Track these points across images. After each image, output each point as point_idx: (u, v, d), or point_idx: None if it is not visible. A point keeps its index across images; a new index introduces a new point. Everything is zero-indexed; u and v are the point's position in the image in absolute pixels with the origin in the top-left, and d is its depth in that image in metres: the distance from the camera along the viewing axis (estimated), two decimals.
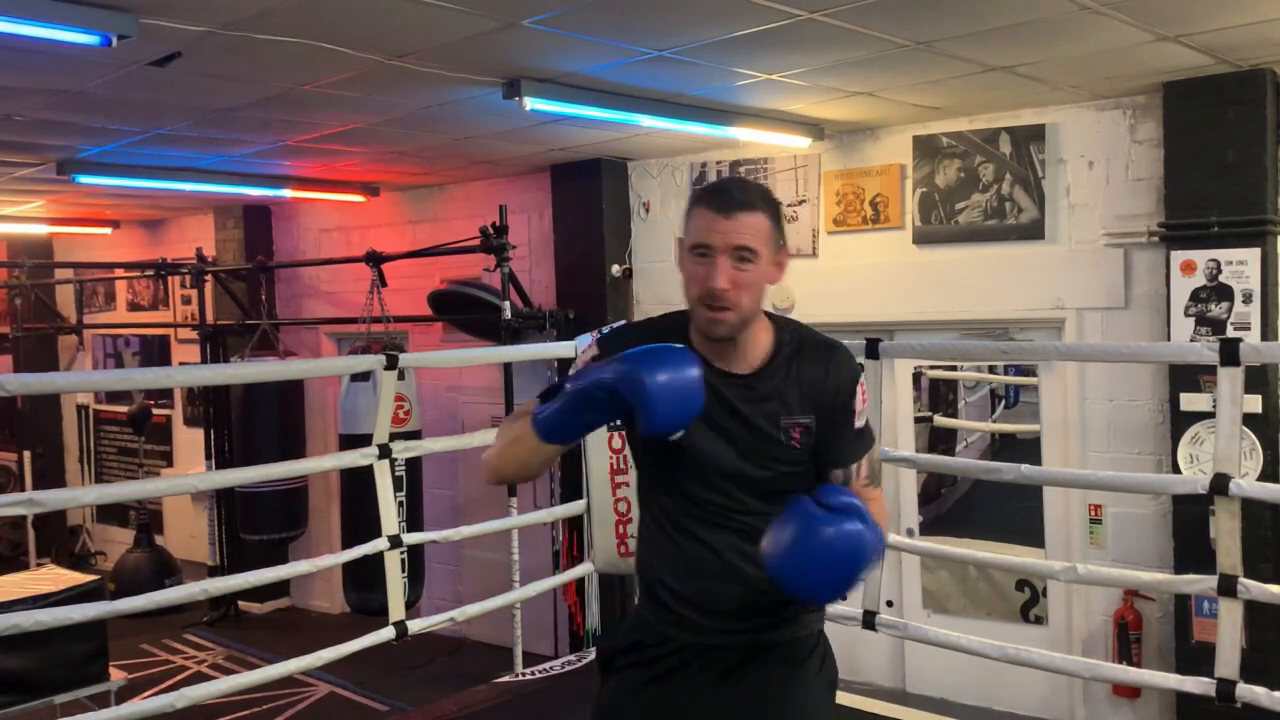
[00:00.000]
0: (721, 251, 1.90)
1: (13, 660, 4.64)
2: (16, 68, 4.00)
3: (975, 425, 5.88)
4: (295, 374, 6.83)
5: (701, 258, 1.92)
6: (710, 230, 1.91)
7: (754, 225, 1.92)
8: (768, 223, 1.94)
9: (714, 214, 1.91)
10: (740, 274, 1.91)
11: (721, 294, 1.90)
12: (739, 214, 1.91)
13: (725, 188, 1.98)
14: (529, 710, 3.86)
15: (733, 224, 1.90)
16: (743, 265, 1.91)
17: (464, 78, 4.24)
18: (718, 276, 1.89)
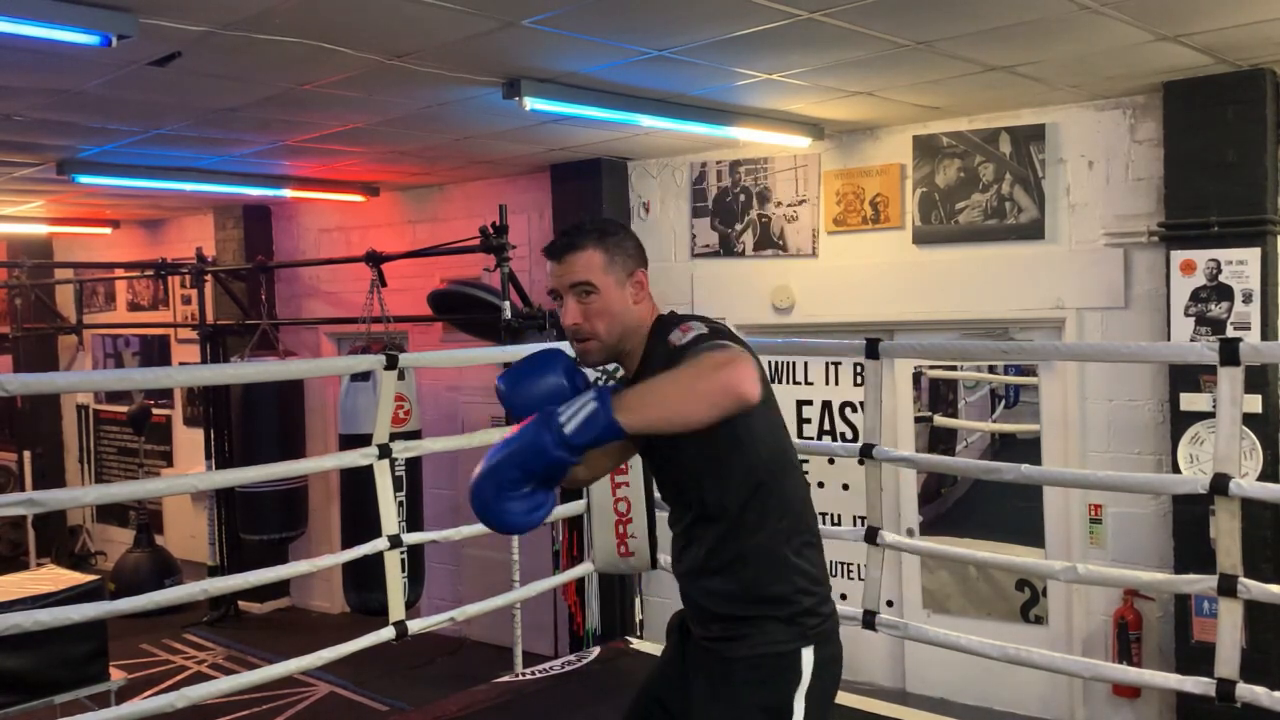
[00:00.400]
0: (565, 292, 2.11)
1: (13, 660, 4.64)
2: (16, 68, 4.00)
3: (975, 425, 5.88)
4: (295, 374, 6.82)
5: (557, 300, 2.14)
6: (551, 276, 2.14)
7: (584, 262, 2.09)
8: (599, 254, 2.10)
9: (551, 261, 2.14)
10: (586, 306, 2.10)
11: (575, 329, 2.11)
12: (566, 256, 2.10)
13: (556, 237, 2.17)
14: (529, 710, 3.86)
15: (563, 267, 2.11)
16: (586, 299, 2.10)
17: (464, 78, 4.24)
18: (565, 314, 2.12)
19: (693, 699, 2.16)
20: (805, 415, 5.93)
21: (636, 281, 2.14)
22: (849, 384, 5.82)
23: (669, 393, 1.79)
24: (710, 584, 2.12)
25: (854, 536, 3.93)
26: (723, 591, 2.10)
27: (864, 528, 3.84)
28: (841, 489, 5.86)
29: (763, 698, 2.06)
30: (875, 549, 3.81)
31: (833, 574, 5.92)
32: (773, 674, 2.06)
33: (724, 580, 2.10)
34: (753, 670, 2.07)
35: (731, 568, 2.09)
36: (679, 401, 1.78)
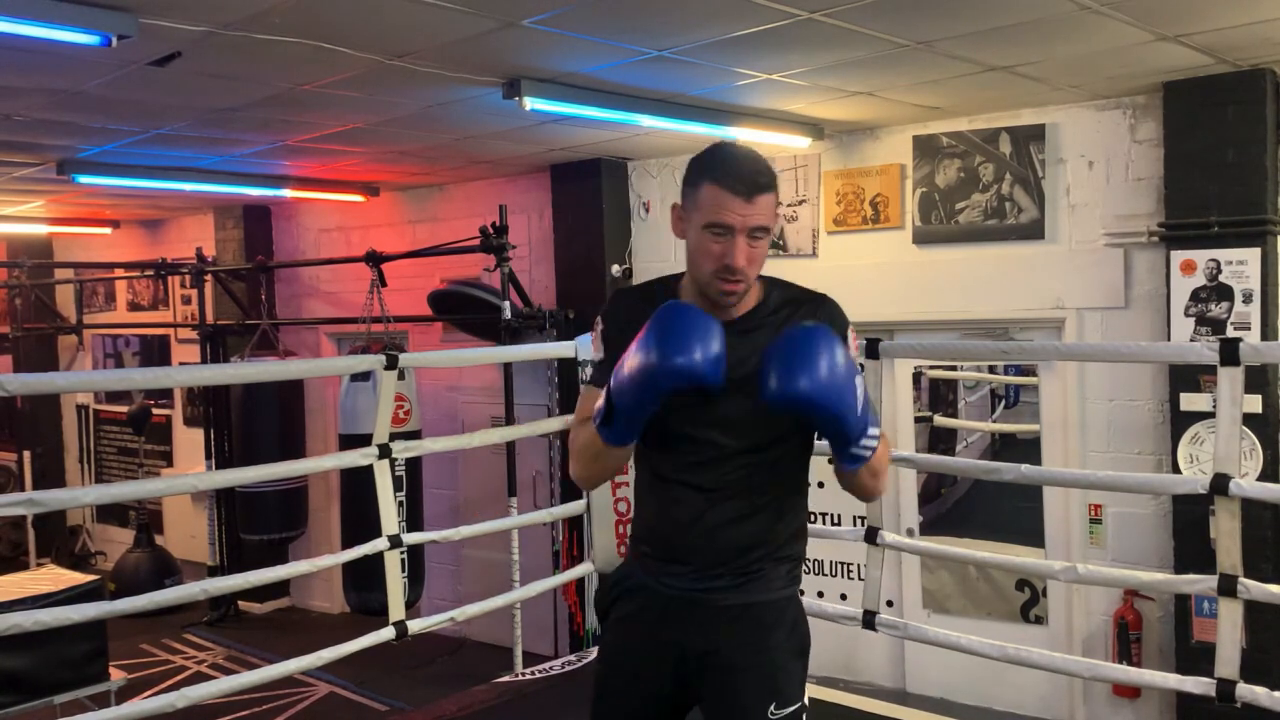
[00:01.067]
0: (740, 232, 1.98)
1: (13, 660, 4.64)
2: (16, 68, 4.00)
3: (975, 425, 5.89)
4: (295, 374, 6.82)
5: (718, 236, 1.99)
6: (729, 211, 1.98)
7: (769, 205, 2.01)
8: (775, 199, 2.06)
9: (732, 196, 1.98)
10: (754, 250, 2.01)
11: (740, 270, 1.99)
12: (759, 197, 1.99)
13: (741, 170, 2.03)
14: (529, 710, 3.86)
15: (752, 207, 1.98)
16: (756, 242, 2.01)
17: (464, 78, 4.24)
18: (738, 255, 1.98)
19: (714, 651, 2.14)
20: None
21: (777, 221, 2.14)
22: None
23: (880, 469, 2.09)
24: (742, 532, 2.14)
25: (854, 536, 3.92)
26: (752, 540, 2.15)
27: (864, 528, 3.83)
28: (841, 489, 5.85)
29: (797, 638, 2.19)
30: (875, 549, 3.81)
31: (833, 574, 5.93)
32: (797, 616, 2.20)
33: (757, 529, 2.15)
34: (781, 614, 2.17)
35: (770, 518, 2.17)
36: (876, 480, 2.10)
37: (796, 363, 1.86)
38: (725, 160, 2.07)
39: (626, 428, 1.99)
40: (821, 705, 3.85)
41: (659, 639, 2.20)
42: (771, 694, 2.11)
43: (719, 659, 2.15)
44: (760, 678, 2.12)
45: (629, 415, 1.97)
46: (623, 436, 2.01)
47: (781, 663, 2.15)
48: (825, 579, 5.93)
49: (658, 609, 2.21)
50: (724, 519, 2.13)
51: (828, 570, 5.93)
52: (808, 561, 5.91)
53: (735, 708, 2.14)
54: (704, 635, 2.16)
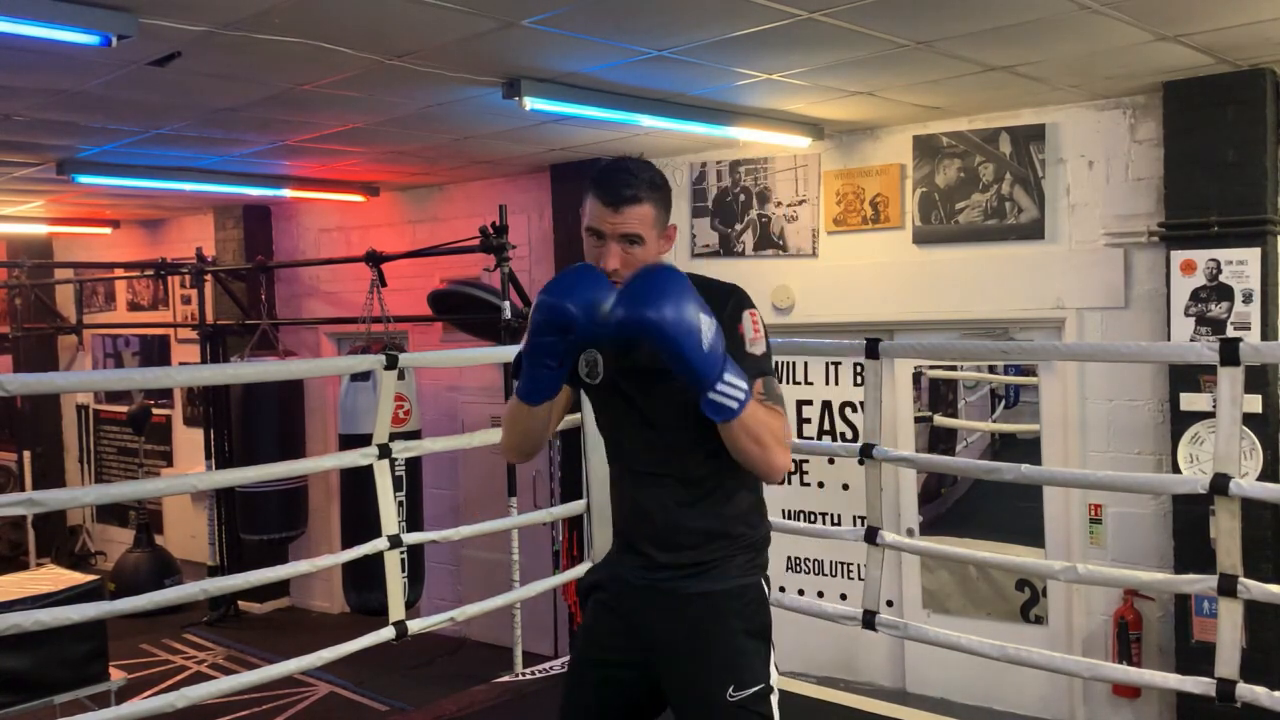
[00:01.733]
0: (611, 238, 2.16)
1: (13, 660, 4.64)
2: (16, 68, 4.00)
3: (975, 425, 5.89)
4: (295, 374, 6.81)
5: (596, 239, 2.18)
6: (601, 219, 2.17)
7: (639, 215, 2.16)
8: (652, 210, 2.18)
9: (602, 206, 2.17)
10: (629, 255, 2.15)
11: (614, 273, 2.13)
12: (625, 208, 2.15)
13: (613, 180, 2.17)
14: (529, 710, 3.86)
15: (620, 217, 2.15)
16: (631, 248, 2.16)
17: (464, 78, 4.24)
18: (609, 259, 2.15)
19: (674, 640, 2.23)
20: (805, 415, 5.93)
21: (668, 235, 2.25)
22: (849, 384, 5.82)
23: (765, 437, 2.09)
24: (689, 519, 2.24)
25: (854, 536, 3.92)
26: (701, 527, 2.24)
27: (864, 528, 3.83)
28: (841, 489, 5.86)
29: (754, 620, 2.25)
30: (875, 549, 3.81)
31: (833, 574, 5.93)
32: (756, 600, 2.27)
33: (704, 516, 2.24)
34: (738, 599, 2.24)
35: (715, 503, 2.25)
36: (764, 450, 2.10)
37: (639, 294, 1.98)
38: (603, 173, 2.21)
39: (529, 378, 2.12)
40: (821, 705, 3.85)
41: (625, 627, 2.31)
42: (730, 677, 2.18)
43: (678, 647, 2.23)
44: (718, 662, 2.20)
45: (528, 361, 2.11)
46: (529, 390, 2.14)
47: (739, 646, 2.22)
48: (825, 579, 5.93)
49: (624, 598, 2.32)
50: (666, 506, 2.24)
51: (828, 570, 5.93)
52: (808, 561, 5.96)
53: (694, 693, 2.22)
54: (664, 624, 2.25)
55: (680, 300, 1.97)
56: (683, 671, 2.23)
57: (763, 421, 2.09)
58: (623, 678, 2.32)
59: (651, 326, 1.95)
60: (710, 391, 2.01)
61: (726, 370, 2.01)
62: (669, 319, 1.95)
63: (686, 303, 1.97)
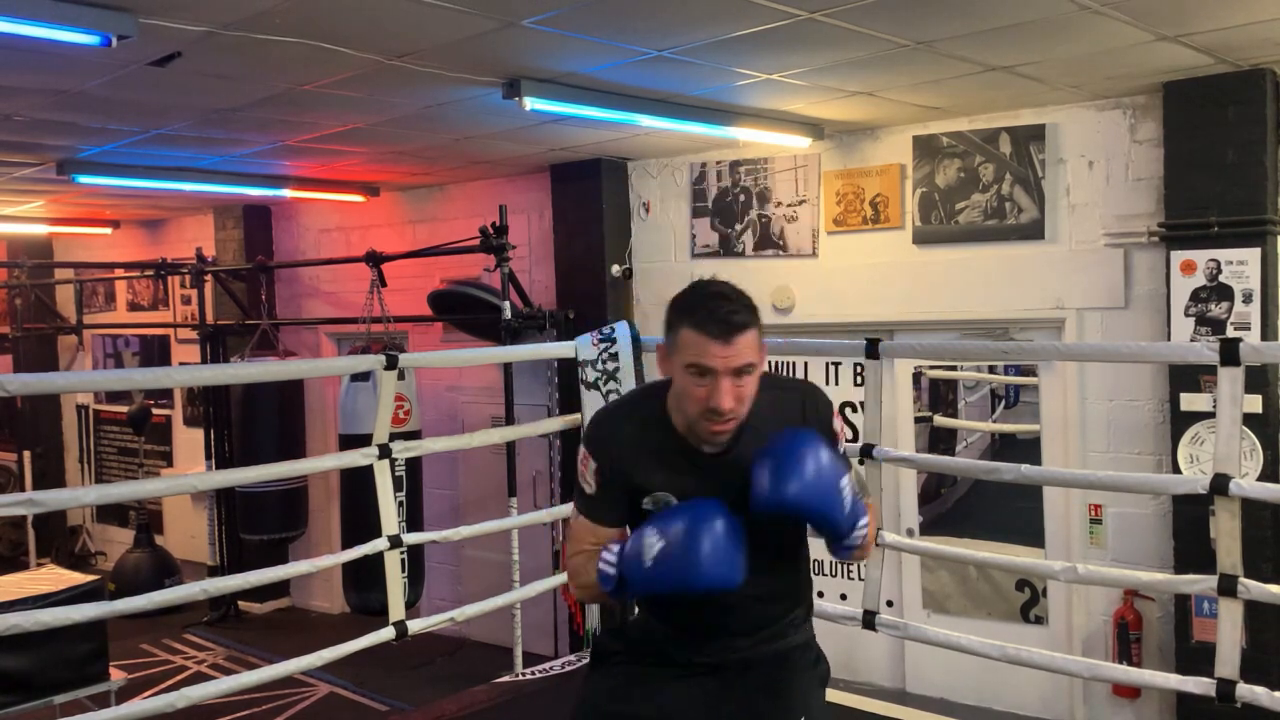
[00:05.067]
0: (724, 374, 1.95)
1: (13, 660, 4.64)
2: (16, 68, 4.00)
3: (975, 425, 5.88)
4: (295, 374, 6.83)
5: (700, 376, 1.96)
6: (709, 354, 1.94)
7: (749, 343, 1.97)
8: (757, 334, 2.00)
9: (710, 340, 1.94)
10: (741, 388, 1.98)
11: (729, 410, 1.96)
12: (736, 337, 1.94)
13: (718, 312, 1.96)
14: (529, 710, 3.86)
15: (732, 349, 1.94)
16: (742, 380, 1.97)
17: (464, 78, 4.24)
18: (723, 398, 1.95)
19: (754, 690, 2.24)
20: None
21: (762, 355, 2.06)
22: (849, 384, 5.82)
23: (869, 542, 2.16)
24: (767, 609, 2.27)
25: None
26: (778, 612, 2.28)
27: None
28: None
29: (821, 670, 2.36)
30: (875, 549, 3.81)
31: (833, 574, 5.93)
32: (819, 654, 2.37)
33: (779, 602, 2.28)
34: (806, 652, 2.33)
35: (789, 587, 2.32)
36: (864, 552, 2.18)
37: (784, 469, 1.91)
38: (702, 302, 1.99)
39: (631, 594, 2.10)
40: None
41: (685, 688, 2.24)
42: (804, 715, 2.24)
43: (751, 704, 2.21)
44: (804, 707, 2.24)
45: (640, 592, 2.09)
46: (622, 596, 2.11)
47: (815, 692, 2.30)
48: (825, 579, 5.92)
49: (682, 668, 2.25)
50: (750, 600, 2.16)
51: (828, 570, 5.93)
52: None
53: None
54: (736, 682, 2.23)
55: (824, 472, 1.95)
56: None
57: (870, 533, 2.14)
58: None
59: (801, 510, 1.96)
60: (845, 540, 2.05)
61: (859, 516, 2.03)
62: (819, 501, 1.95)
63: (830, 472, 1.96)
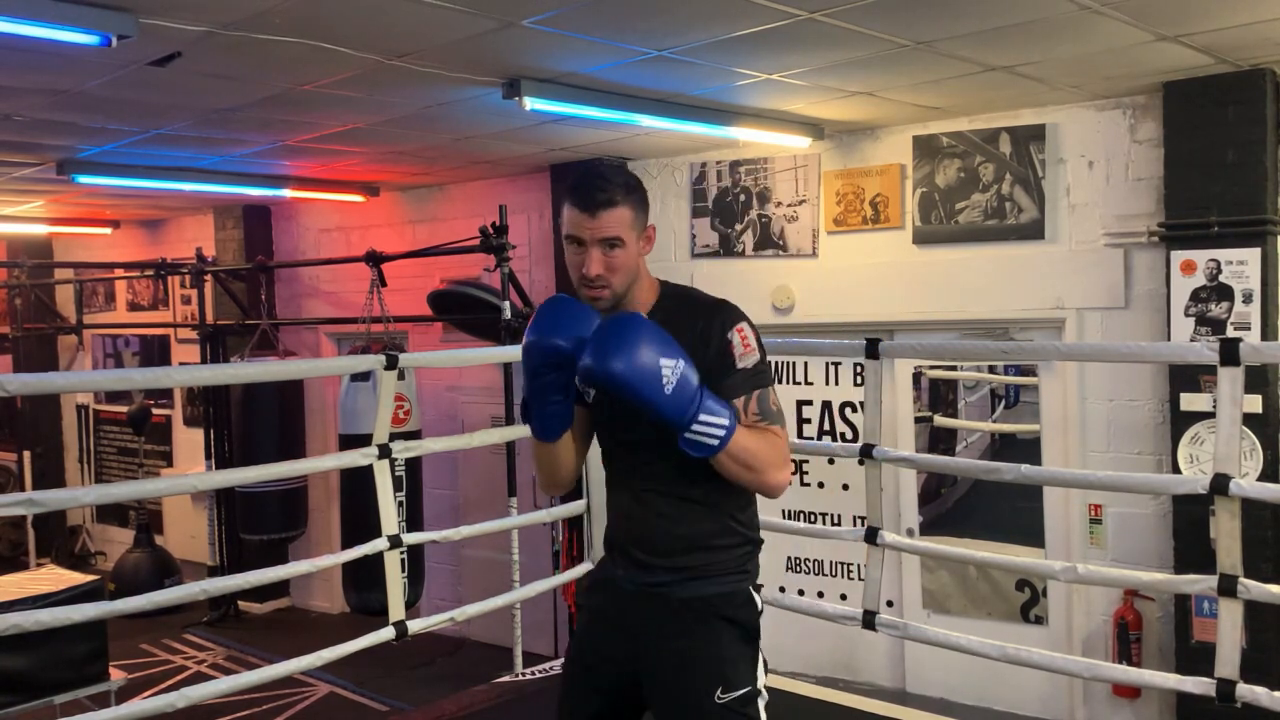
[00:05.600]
0: (591, 244, 2.16)
1: (13, 660, 4.64)
2: (16, 68, 4.00)
3: (975, 425, 5.88)
4: (295, 374, 6.82)
5: (576, 246, 2.18)
6: (579, 226, 2.16)
7: (617, 218, 2.16)
8: (630, 212, 2.18)
9: (580, 212, 2.16)
10: (610, 259, 2.16)
11: (596, 278, 2.17)
12: (601, 212, 2.15)
13: (587, 186, 2.17)
14: (529, 710, 3.86)
15: (597, 221, 2.15)
16: (611, 252, 2.16)
17: (464, 78, 4.24)
18: (590, 264, 2.16)
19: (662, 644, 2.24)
20: (805, 415, 5.93)
21: (648, 236, 2.25)
22: (849, 384, 5.82)
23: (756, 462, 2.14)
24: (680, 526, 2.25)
25: (854, 536, 3.92)
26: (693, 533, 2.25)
27: (864, 528, 3.83)
28: (841, 489, 5.86)
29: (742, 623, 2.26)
30: (875, 549, 3.81)
31: (833, 574, 5.93)
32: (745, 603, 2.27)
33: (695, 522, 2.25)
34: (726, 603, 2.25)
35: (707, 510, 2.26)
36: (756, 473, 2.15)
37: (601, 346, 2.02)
38: (578, 180, 2.21)
39: (537, 417, 2.21)
40: (821, 705, 3.85)
41: (615, 632, 2.32)
42: (718, 679, 2.19)
43: (666, 651, 2.23)
44: (706, 665, 2.20)
45: (531, 401, 2.20)
46: (540, 429, 2.23)
47: (727, 649, 2.22)
48: (825, 579, 5.93)
49: (615, 603, 2.33)
50: (654, 515, 2.26)
51: (828, 570, 5.93)
52: (808, 561, 5.95)
53: (681, 696, 2.22)
54: (652, 628, 2.26)
55: (638, 348, 2.01)
56: (670, 675, 2.23)
57: (750, 448, 2.12)
58: (611, 683, 2.32)
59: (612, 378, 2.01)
60: (685, 432, 2.06)
61: (702, 410, 2.05)
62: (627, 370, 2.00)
63: (645, 350, 2.01)
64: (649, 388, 2.01)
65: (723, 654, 2.21)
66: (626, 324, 2.06)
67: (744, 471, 2.13)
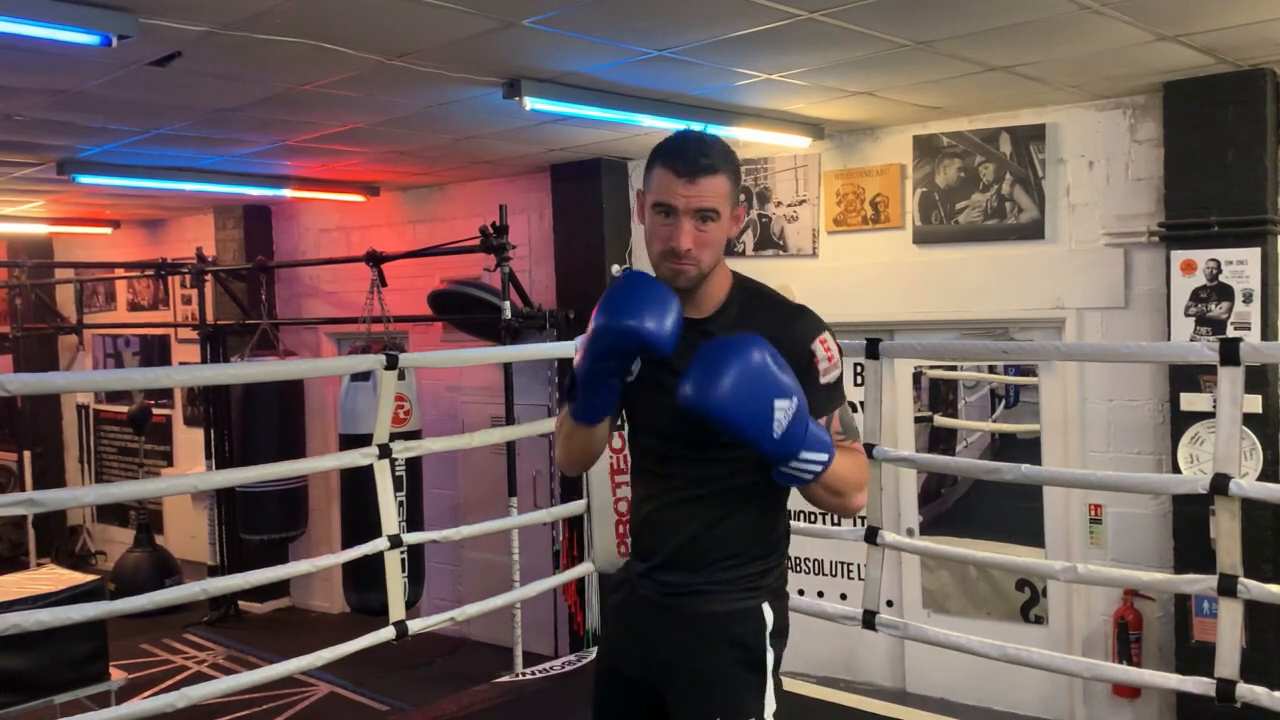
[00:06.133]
0: (685, 213, 1.98)
1: (13, 660, 4.64)
2: (16, 68, 4.00)
3: (975, 425, 5.88)
4: (295, 374, 6.83)
5: (665, 216, 2.00)
6: (673, 192, 1.97)
7: (715, 188, 1.99)
8: (727, 183, 2.01)
9: (676, 177, 1.97)
10: (703, 234, 1.99)
11: (685, 253, 1.98)
12: (701, 178, 1.97)
13: (686, 149, 2.00)
14: (529, 710, 3.86)
15: (695, 188, 1.97)
16: (705, 225, 1.99)
17: (464, 78, 4.24)
18: (681, 237, 1.97)
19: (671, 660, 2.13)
20: None
21: (737, 217, 2.08)
22: (849, 384, 5.82)
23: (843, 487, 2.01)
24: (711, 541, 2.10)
25: (854, 536, 3.92)
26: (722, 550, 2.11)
27: (864, 528, 3.83)
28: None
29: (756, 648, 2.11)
30: (875, 549, 3.81)
31: (833, 574, 5.93)
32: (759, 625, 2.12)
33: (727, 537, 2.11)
34: (734, 624, 2.10)
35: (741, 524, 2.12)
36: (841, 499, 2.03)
37: (706, 374, 1.83)
38: (674, 143, 2.03)
39: (586, 400, 2.01)
40: (821, 705, 3.85)
41: (632, 638, 2.20)
42: (718, 706, 2.06)
43: (674, 668, 2.12)
44: (708, 689, 2.08)
45: (586, 384, 1.99)
46: (586, 411, 2.02)
47: (731, 675, 2.08)
48: (825, 579, 5.93)
49: (631, 606, 2.22)
50: (691, 524, 2.10)
51: (828, 570, 5.93)
52: (808, 561, 5.95)
53: (684, 717, 2.11)
54: (665, 642, 2.14)
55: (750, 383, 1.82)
56: (678, 693, 2.13)
57: (841, 475, 1.97)
58: (632, 690, 2.20)
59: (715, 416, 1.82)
60: (783, 467, 1.90)
61: (805, 448, 1.88)
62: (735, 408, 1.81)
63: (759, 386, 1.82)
64: (757, 432, 1.83)
65: (726, 679, 2.08)
66: (738, 350, 1.84)
67: (830, 497, 2.01)
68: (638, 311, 1.89)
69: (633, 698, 2.20)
